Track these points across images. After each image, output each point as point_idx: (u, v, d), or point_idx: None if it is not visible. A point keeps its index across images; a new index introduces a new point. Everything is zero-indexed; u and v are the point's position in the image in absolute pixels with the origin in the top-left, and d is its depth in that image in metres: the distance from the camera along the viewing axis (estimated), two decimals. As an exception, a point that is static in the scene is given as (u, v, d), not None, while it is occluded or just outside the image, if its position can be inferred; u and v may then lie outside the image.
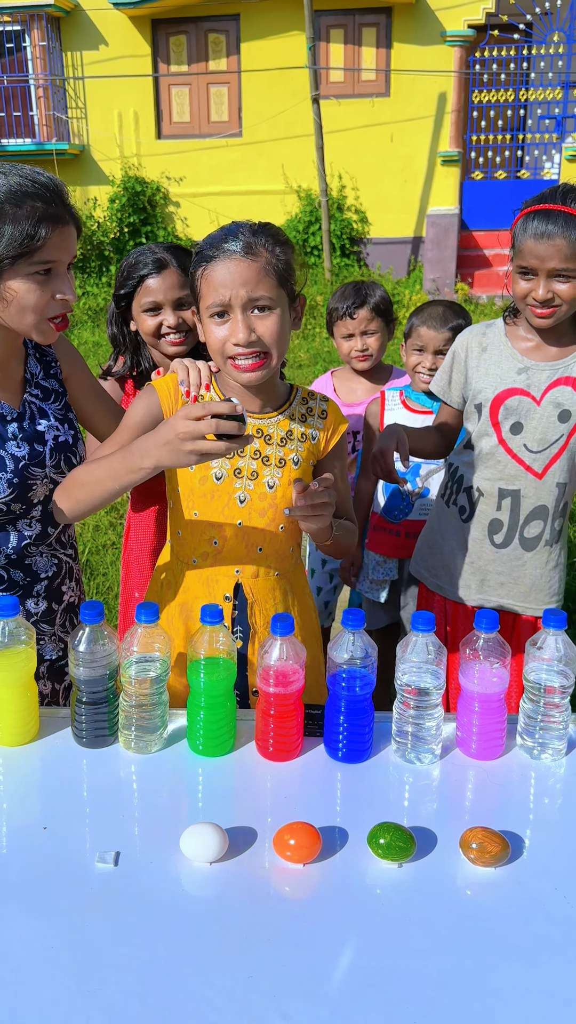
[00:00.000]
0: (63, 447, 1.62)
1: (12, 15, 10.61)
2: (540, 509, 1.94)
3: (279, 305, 1.44)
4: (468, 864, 1.15)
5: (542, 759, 1.38)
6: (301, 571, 1.70)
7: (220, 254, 1.42)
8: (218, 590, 1.58)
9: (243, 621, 1.59)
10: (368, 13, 10.39)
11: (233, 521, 1.55)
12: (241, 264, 1.40)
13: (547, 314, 1.81)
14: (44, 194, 1.40)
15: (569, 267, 1.75)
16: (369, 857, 1.16)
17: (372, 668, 1.33)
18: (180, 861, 1.15)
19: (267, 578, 1.59)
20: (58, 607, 1.70)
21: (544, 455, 1.90)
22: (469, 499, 2.01)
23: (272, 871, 1.14)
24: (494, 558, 2.01)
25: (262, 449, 1.54)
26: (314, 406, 1.61)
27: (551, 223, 1.74)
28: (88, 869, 1.14)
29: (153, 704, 1.34)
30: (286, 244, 1.47)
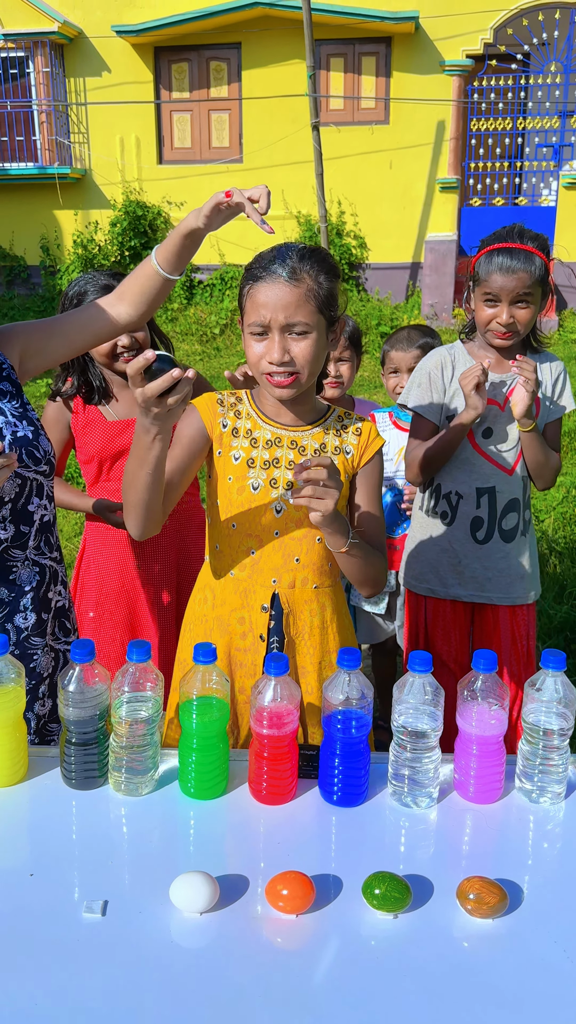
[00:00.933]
0: (22, 441, 1.61)
1: (17, 42, 10.73)
2: (513, 502, 2.20)
3: (315, 330, 1.49)
4: (465, 915, 1.12)
5: (541, 803, 1.35)
6: (340, 590, 1.69)
7: (266, 275, 1.47)
8: (255, 600, 1.59)
9: (278, 631, 1.60)
10: (368, 42, 10.51)
11: (270, 531, 1.57)
12: (284, 288, 1.45)
13: (508, 336, 2.10)
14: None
15: (528, 295, 2.05)
16: (364, 907, 1.13)
17: (368, 709, 1.30)
18: (170, 911, 1.12)
19: (304, 589, 1.60)
20: (47, 615, 1.67)
21: (512, 453, 2.18)
22: (449, 504, 2.23)
23: (264, 922, 1.11)
24: (479, 554, 2.22)
25: (297, 460, 1.58)
26: (349, 423, 1.65)
27: (514, 259, 2.03)
28: (75, 919, 1.11)
29: (144, 745, 1.31)
30: (331, 271, 1.51)
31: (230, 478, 1.58)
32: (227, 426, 1.60)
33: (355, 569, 1.58)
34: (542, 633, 3.50)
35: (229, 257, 10.93)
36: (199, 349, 9.24)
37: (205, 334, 9.70)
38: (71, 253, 11.07)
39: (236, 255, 10.88)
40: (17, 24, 10.60)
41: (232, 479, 1.58)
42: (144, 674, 1.29)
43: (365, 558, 1.56)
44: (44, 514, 1.65)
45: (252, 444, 1.58)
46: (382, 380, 2.83)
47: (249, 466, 1.58)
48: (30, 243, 11.47)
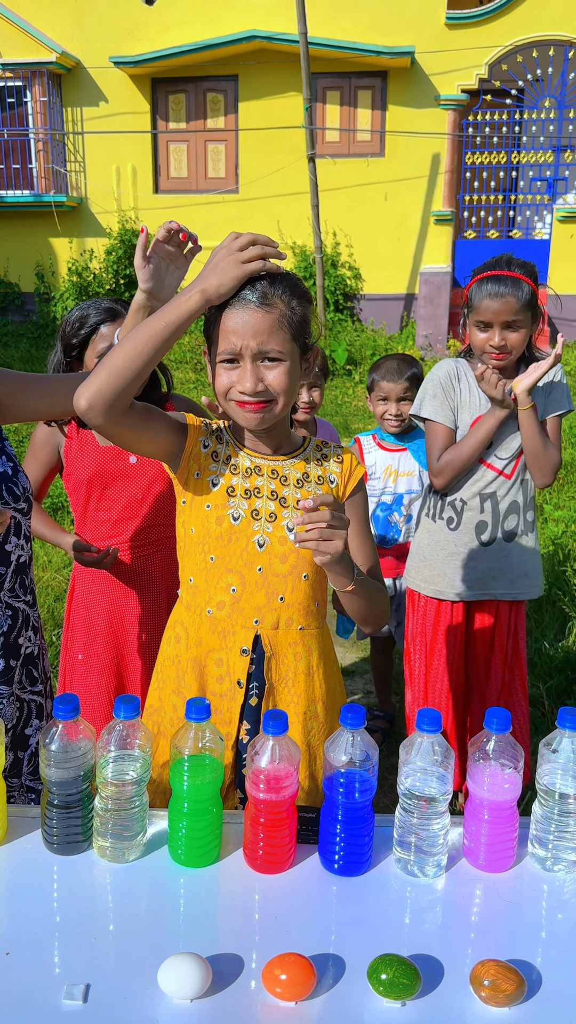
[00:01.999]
0: (1, 478, 1.55)
1: (15, 71, 10.79)
2: (513, 504, 2.37)
3: (289, 357, 1.40)
4: (479, 1003, 1.03)
5: (555, 871, 1.26)
6: (327, 632, 1.59)
7: (236, 301, 1.37)
8: (235, 642, 1.48)
9: (259, 676, 1.48)
10: (364, 76, 10.61)
11: (252, 567, 1.46)
12: (256, 314, 1.36)
13: (502, 358, 2.25)
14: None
15: (518, 319, 2.21)
16: (368, 993, 1.04)
17: (373, 771, 1.22)
18: (157, 997, 1.02)
19: (288, 631, 1.49)
20: (16, 662, 1.59)
21: (511, 461, 2.35)
22: (455, 510, 2.40)
23: (261, 1009, 1.02)
24: (484, 555, 2.39)
25: (278, 490, 1.48)
26: (329, 452, 1.56)
27: (503, 285, 2.19)
28: (54, 1005, 1.01)
29: (131, 808, 1.22)
30: (303, 296, 1.42)
31: (208, 505, 1.47)
32: (208, 447, 1.49)
33: (360, 607, 1.49)
34: (543, 673, 3.42)
35: (224, 286, 10.95)
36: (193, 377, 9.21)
37: (200, 363, 9.67)
38: (66, 280, 11.07)
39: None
40: (16, 54, 10.66)
41: (211, 507, 1.47)
42: (132, 732, 1.21)
43: (370, 596, 1.48)
44: (20, 554, 1.58)
45: (232, 471, 1.48)
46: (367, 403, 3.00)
47: (229, 494, 1.47)
48: (25, 270, 11.46)
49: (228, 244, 1.36)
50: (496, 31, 10.07)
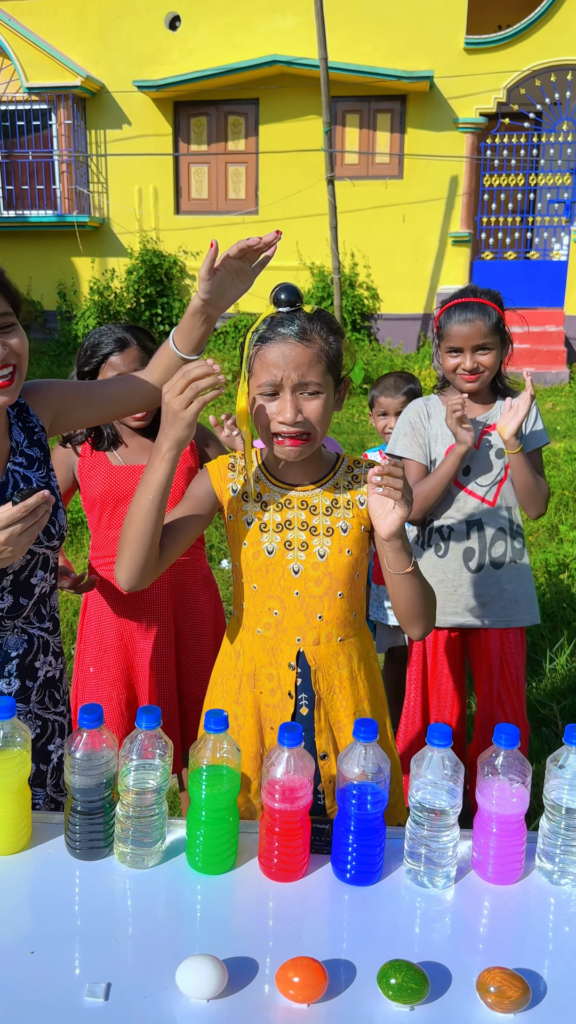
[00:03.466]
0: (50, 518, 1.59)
1: (41, 95, 11.00)
2: (499, 532, 2.39)
3: (326, 390, 1.49)
4: (485, 1008, 1.07)
5: (562, 884, 1.29)
6: (366, 635, 1.66)
7: (275, 336, 1.46)
8: (282, 658, 1.57)
9: (307, 688, 1.57)
10: (383, 100, 10.74)
11: (290, 592, 1.55)
12: (296, 348, 1.45)
13: (474, 379, 2.31)
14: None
15: (487, 341, 2.28)
16: (378, 997, 1.08)
17: (385, 784, 1.26)
18: (175, 996, 1.07)
19: (329, 644, 1.57)
20: (33, 684, 1.63)
21: (492, 487, 2.38)
22: (442, 537, 2.42)
23: (274, 1011, 1.06)
24: (472, 581, 2.40)
25: (308, 520, 1.56)
26: (359, 473, 1.63)
27: (470, 311, 2.28)
28: (76, 1002, 1.06)
29: (151, 816, 1.26)
30: (338, 332, 1.52)
31: (245, 543, 1.57)
32: (236, 491, 1.59)
33: (414, 595, 1.54)
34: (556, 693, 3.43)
35: (243, 306, 11.05)
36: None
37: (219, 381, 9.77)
38: (87, 299, 11.22)
39: (250, 304, 10.99)
40: (42, 78, 10.88)
41: (247, 544, 1.57)
42: (153, 741, 1.26)
43: (424, 585, 1.55)
44: (44, 586, 1.63)
45: (263, 507, 1.57)
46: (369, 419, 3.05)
47: (262, 531, 1.56)
48: (47, 289, 11.63)
49: (168, 390, 1.41)
50: (514, 56, 10.18)
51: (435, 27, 10.26)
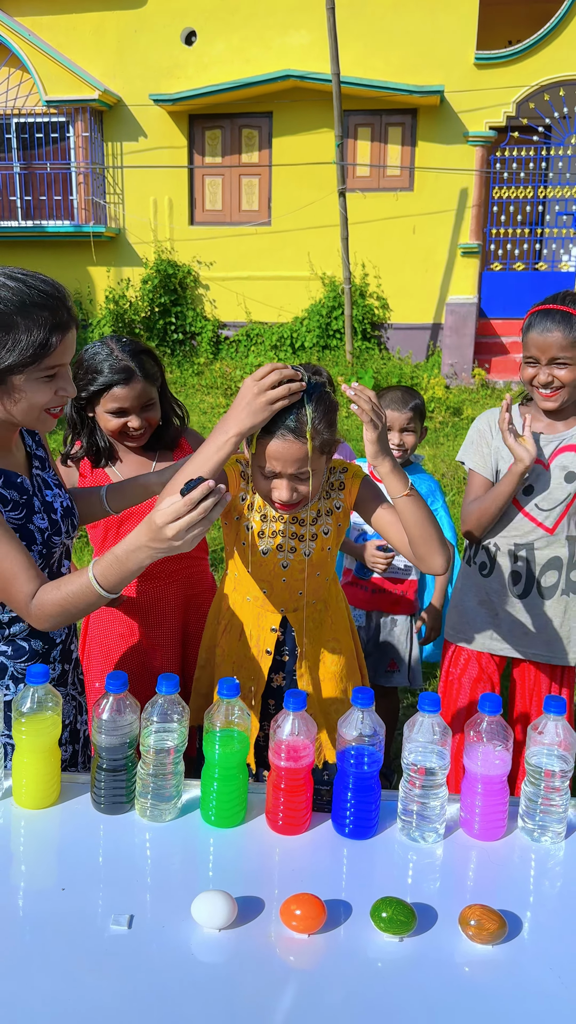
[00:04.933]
0: (69, 512, 1.73)
1: (59, 108, 11.23)
2: (554, 560, 2.21)
3: (318, 468, 1.67)
4: (467, 941, 1.20)
5: (542, 842, 1.42)
6: (333, 583, 1.91)
7: (277, 430, 1.60)
8: (266, 623, 1.85)
9: (290, 642, 1.86)
10: (394, 113, 10.91)
11: (279, 578, 1.82)
12: (292, 446, 1.61)
13: (551, 396, 2.14)
14: (51, 303, 1.48)
15: (565, 355, 2.09)
16: (371, 930, 1.21)
17: (380, 746, 1.39)
18: (190, 927, 1.20)
19: (307, 607, 1.85)
20: (68, 667, 1.76)
21: (554, 512, 2.19)
22: (488, 555, 2.27)
23: (278, 940, 1.19)
24: (515, 608, 2.25)
25: (297, 530, 1.81)
26: (335, 480, 1.83)
27: (550, 320, 2.10)
28: (103, 930, 1.19)
29: (169, 774, 1.40)
30: (331, 413, 1.66)
31: (244, 543, 1.82)
32: (245, 500, 1.81)
33: (417, 518, 1.68)
34: None
35: (255, 315, 11.23)
36: (223, 402, 9.45)
37: (230, 387, 9.93)
38: (103, 308, 11.42)
39: (262, 313, 11.18)
40: (60, 91, 11.11)
41: (245, 544, 1.82)
42: (172, 706, 1.39)
43: (425, 508, 1.69)
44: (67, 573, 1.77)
45: (262, 519, 1.81)
46: None
47: (259, 536, 1.80)
48: (63, 297, 11.83)
49: (256, 380, 1.55)
50: (524, 71, 10.34)
51: (446, 43, 10.43)
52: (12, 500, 1.59)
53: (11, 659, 1.62)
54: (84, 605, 1.48)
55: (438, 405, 8.94)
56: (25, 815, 1.43)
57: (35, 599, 1.48)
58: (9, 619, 1.60)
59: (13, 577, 1.47)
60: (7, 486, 1.59)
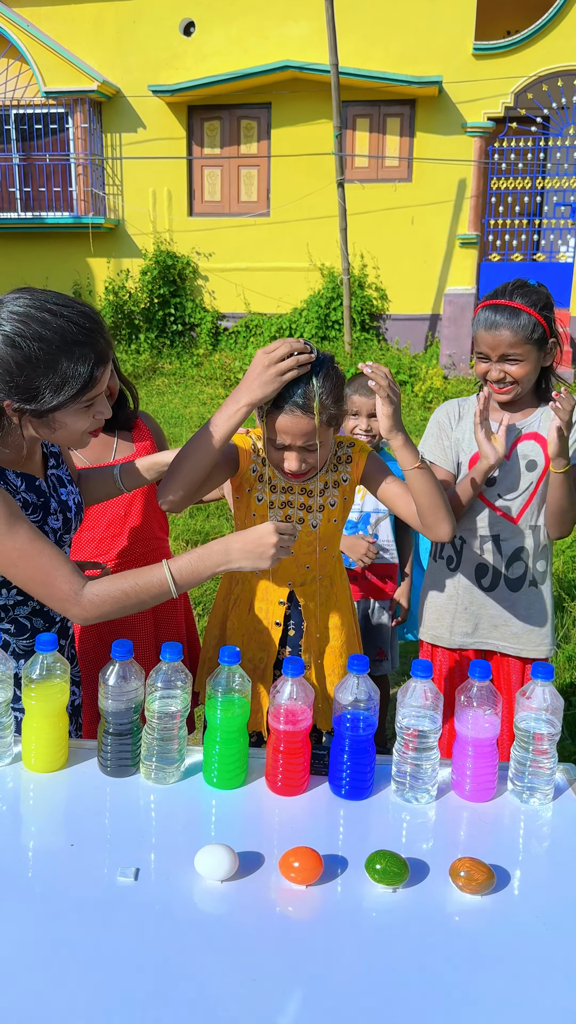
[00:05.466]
0: (79, 508, 1.79)
1: (58, 99, 11.25)
2: (520, 551, 2.19)
3: (326, 440, 1.76)
4: (457, 892, 1.26)
5: (531, 803, 1.48)
6: (338, 562, 2.00)
7: (286, 406, 1.68)
8: (274, 596, 1.93)
9: (296, 616, 1.94)
10: (393, 104, 10.94)
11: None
12: (301, 420, 1.69)
13: (503, 391, 2.11)
14: (91, 338, 1.48)
15: (515, 352, 2.05)
16: (367, 883, 1.27)
17: (374, 711, 1.45)
18: (194, 879, 1.26)
19: (313, 583, 1.93)
20: (65, 643, 1.81)
21: (517, 502, 2.17)
22: (454, 548, 2.24)
23: (277, 891, 1.25)
24: (484, 601, 2.23)
25: (306, 501, 1.89)
26: (342, 454, 1.91)
27: (499, 315, 2.04)
28: (111, 882, 1.25)
29: (173, 738, 1.46)
30: (338, 386, 1.74)
31: (254, 515, 1.88)
32: (256, 471, 1.87)
33: (428, 488, 1.78)
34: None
35: (254, 306, 11.27)
36: (223, 393, 9.50)
37: (229, 379, 9.98)
38: (102, 299, 11.46)
39: (261, 304, 11.22)
40: (59, 83, 11.13)
41: (256, 515, 1.89)
42: (175, 673, 1.45)
43: (435, 481, 1.79)
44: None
45: (272, 490, 1.88)
46: None
47: (269, 507, 1.87)
48: (63, 288, 11.86)
49: (267, 353, 1.64)
50: (522, 61, 10.36)
51: (444, 33, 10.45)
52: (32, 503, 1.64)
53: (13, 636, 1.67)
54: (147, 598, 1.54)
55: (436, 395, 8.99)
56: (35, 778, 1.49)
57: (85, 592, 1.51)
58: (14, 603, 1.65)
59: (55, 571, 1.51)
60: (28, 490, 1.64)
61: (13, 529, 1.49)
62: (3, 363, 1.44)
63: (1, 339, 1.44)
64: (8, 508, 1.50)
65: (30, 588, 1.53)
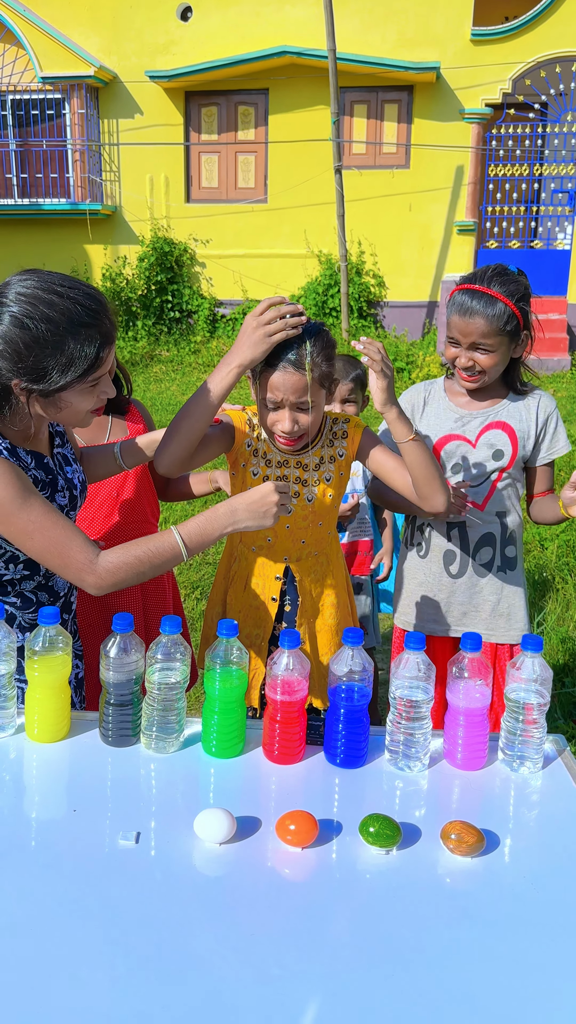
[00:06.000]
0: (84, 486, 1.82)
1: (54, 84, 11.21)
2: (487, 536, 2.19)
3: (318, 402, 1.79)
4: (448, 854, 1.30)
5: (521, 771, 1.52)
6: (334, 540, 2.04)
7: (279, 363, 1.73)
8: (270, 572, 1.96)
9: (292, 592, 1.97)
10: (391, 90, 10.92)
11: (282, 525, 1.91)
12: (293, 377, 1.73)
13: (471, 379, 2.08)
14: (96, 318, 1.52)
15: (486, 342, 2.00)
16: (361, 846, 1.31)
17: (369, 682, 1.49)
18: (193, 842, 1.30)
19: (309, 559, 1.96)
20: (68, 617, 1.85)
21: (482, 489, 2.16)
22: (423, 536, 2.25)
23: (274, 854, 1.29)
24: (453, 588, 2.22)
25: (301, 475, 1.92)
26: (338, 429, 1.95)
27: (474, 301, 1.99)
28: (112, 845, 1.29)
29: (173, 709, 1.50)
30: (329, 348, 1.78)
31: (250, 488, 1.83)
32: (251, 446, 1.91)
33: (421, 460, 1.83)
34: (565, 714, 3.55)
35: (252, 293, 11.27)
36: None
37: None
38: (100, 286, 11.45)
39: (259, 291, 11.22)
40: (56, 68, 11.09)
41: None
42: (175, 645, 1.49)
43: (429, 454, 1.84)
44: None
45: (267, 464, 1.91)
46: None
47: (264, 481, 1.88)
48: (60, 275, 11.85)
49: (256, 316, 1.69)
50: (520, 47, 10.34)
51: (442, 19, 10.42)
52: (41, 480, 1.68)
53: (20, 610, 1.71)
54: (160, 563, 1.59)
55: (433, 382, 9.01)
56: (37, 748, 1.53)
57: (100, 561, 1.56)
58: (21, 577, 1.69)
59: (69, 541, 1.55)
60: (37, 467, 1.68)
61: (28, 502, 1.53)
62: (12, 344, 1.47)
63: (9, 320, 1.47)
64: (22, 482, 1.54)
65: (45, 560, 1.56)
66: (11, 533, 1.54)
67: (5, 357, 1.49)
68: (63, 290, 1.51)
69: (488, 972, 1.09)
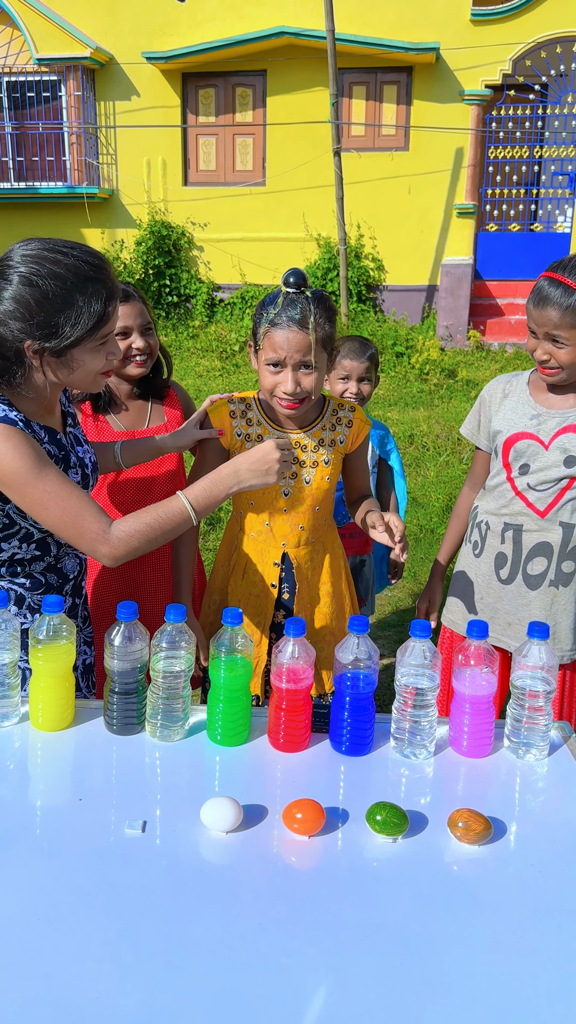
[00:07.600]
0: (95, 467, 1.82)
1: (50, 66, 11.09)
2: (543, 546, 2.04)
3: (320, 363, 1.83)
4: (455, 842, 1.30)
5: (527, 758, 1.52)
6: (331, 527, 2.07)
7: (282, 322, 1.77)
8: (268, 558, 1.97)
9: (290, 579, 1.99)
10: (389, 72, 10.81)
11: (280, 509, 1.95)
12: (297, 335, 1.77)
13: (548, 373, 1.97)
14: (101, 274, 1.57)
15: (560, 334, 1.90)
16: (367, 834, 1.30)
17: (374, 670, 1.48)
18: (199, 830, 1.30)
19: (307, 545, 1.99)
20: (79, 601, 1.85)
21: (547, 495, 2.02)
22: (480, 533, 2.16)
23: (281, 842, 1.29)
24: (500, 595, 2.12)
25: (299, 456, 1.95)
26: (343, 416, 1.99)
27: (553, 290, 1.88)
28: (119, 834, 1.29)
29: (177, 697, 1.49)
30: (332, 312, 1.82)
31: None
32: (241, 435, 1.92)
33: None
34: None
35: (250, 277, 11.21)
36: (219, 365, 9.48)
37: (225, 351, 9.95)
38: (96, 270, 11.37)
39: (257, 275, 11.16)
40: (51, 49, 10.97)
41: None
42: (179, 633, 1.48)
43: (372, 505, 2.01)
44: None
45: None
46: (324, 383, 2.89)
47: None
48: (57, 260, 11.78)
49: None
50: (520, 28, 10.23)
51: (442, -2, 10.31)
52: (54, 456, 1.69)
53: (29, 591, 1.71)
54: (171, 528, 1.63)
55: (433, 367, 8.98)
56: (42, 737, 1.53)
57: (113, 531, 1.59)
58: (31, 557, 1.68)
59: (83, 511, 1.58)
60: (51, 442, 1.69)
61: (43, 473, 1.55)
62: (23, 302, 1.51)
63: (18, 280, 1.52)
64: (37, 454, 1.56)
65: (60, 530, 1.58)
66: (27, 503, 1.57)
67: (17, 317, 1.52)
68: (66, 249, 1.57)
69: (495, 959, 1.09)
